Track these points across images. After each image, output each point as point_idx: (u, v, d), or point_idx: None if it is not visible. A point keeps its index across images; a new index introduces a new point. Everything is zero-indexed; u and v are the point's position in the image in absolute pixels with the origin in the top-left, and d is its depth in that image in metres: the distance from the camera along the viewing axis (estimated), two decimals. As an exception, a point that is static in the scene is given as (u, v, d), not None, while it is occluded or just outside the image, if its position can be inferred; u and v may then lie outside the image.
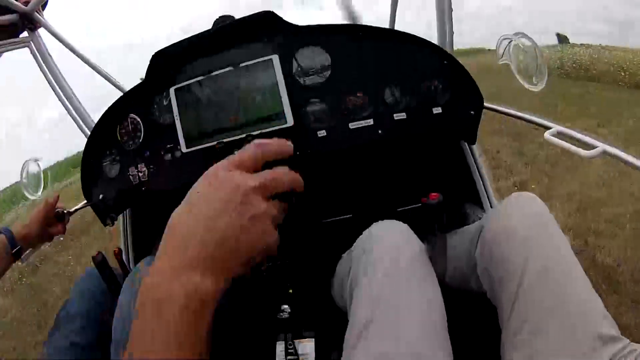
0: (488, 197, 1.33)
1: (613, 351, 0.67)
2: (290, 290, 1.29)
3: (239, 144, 1.13)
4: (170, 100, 1.25)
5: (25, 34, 1.54)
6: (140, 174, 1.34)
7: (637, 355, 0.66)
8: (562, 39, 12.90)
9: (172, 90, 1.24)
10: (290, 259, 1.33)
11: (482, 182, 1.34)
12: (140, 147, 1.32)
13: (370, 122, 1.17)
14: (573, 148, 0.92)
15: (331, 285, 1.25)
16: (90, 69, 1.74)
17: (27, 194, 1.50)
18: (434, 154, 1.48)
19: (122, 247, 1.61)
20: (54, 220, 1.27)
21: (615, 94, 7.55)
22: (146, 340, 0.41)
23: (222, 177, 0.47)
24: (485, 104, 1.20)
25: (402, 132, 1.17)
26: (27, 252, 1.21)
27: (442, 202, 0.79)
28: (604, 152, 0.89)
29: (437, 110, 1.16)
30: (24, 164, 1.49)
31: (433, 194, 0.79)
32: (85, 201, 1.45)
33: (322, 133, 1.19)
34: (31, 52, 1.61)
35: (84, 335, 1.06)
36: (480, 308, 0.89)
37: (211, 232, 0.44)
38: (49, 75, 1.65)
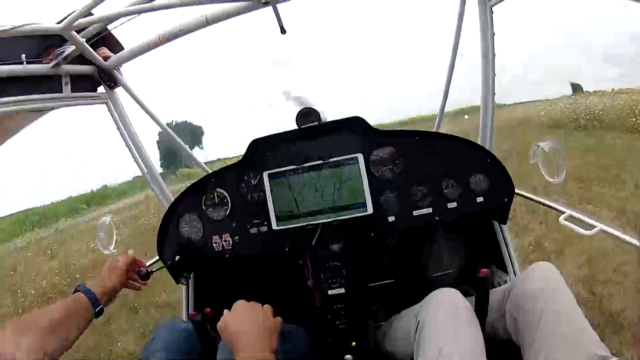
0: (512, 266, 1.58)
1: None
2: (354, 343, 1.48)
3: (326, 226, 1.46)
4: (258, 181, 1.45)
5: (102, 89, 1.55)
6: (224, 243, 1.51)
7: None
8: (575, 87, 13.27)
9: (265, 175, 1.44)
10: (351, 317, 1.50)
11: (509, 253, 1.58)
12: (226, 219, 1.51)
13: (430, 210, 1.43)
14: (578, 230, 1.28)
15: (383, 336, 1.49)
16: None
17: (101, 248, 1.59)
18: (469, 230, 1.72)
19: (184, 303, 1.71)
20: (134, 277, 1.33)
21: (628, 142, 7.78)
22: None
23: None
24: (516, 191, 1.46)
25: (453, 217, 1.43)
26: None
27: (489, 276, 1.11)
28: (601, 231, 1.26)
29: (480, 199, 1.42)
30: (99, 221, 1.60)
31: (484, 269, 1.09)
32: (157, 258, 1.60)
33: (391, 218, 1.44)
34: (108, 110, 1.62)
35: None
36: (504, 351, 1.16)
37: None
38: (125, 134, 1.69)
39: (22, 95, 1.23)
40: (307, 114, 1.44)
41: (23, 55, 1.21)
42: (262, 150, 1.46)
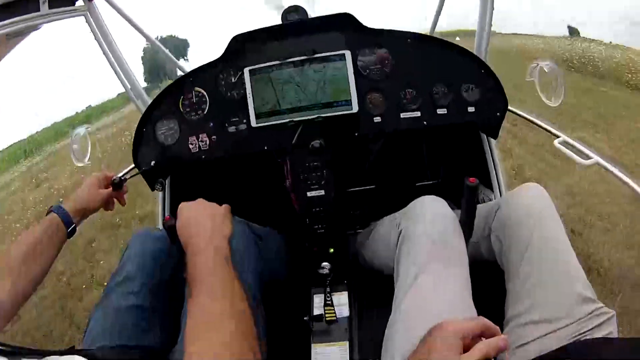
0: (499, 183, 1.57)
1: (591, 309, 0.89)
2: (332, 250, 1.48)
3: (308, 124, 1.40)
4: (238, 78, 1.39)
5: (81, 2, 1.46)
6: (201, 143, 1.45)
7: (606, 319, 0.88)
8: (572, 30, 12.82)
9: (246, 71, 1.38)
10: (330, 222, 1.48)
11: (496, 170, 1.58)
12: (203, 119, 1.45)
13: (418, 114, 1.39)
14: (573, 156, 1.22)
15: (361, 245, 1.49)
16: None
17: (75, 161, 1.50)
18: (456, 142, 1.72)
19: (160, 211, 1.68)
20: (108, 190, 1.23)
21: (625, 96, 7.66)
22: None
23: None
24: (509, 108, 1.43)
25: (442, 123, 1.40)
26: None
27: (478, 185, 1.02)
28: (597, 164, 1.19)
29: (471, 108, 1.38)
30: (73, 131, 1.51)
31: (472, 178, 1.01)
32: (133, 166, 1.53)
33: (377, 119, 1.40)
34: (87, 23, 1.53)
35: (143, 296, 1.05)
36: (486, 272, 1.13)
37: None
38: (105, 47, 1.61)
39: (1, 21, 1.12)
40: (293, 11, 1.36)
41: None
42: (244, 46, 1.39)
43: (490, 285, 1.06)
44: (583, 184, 3.67)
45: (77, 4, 1.44)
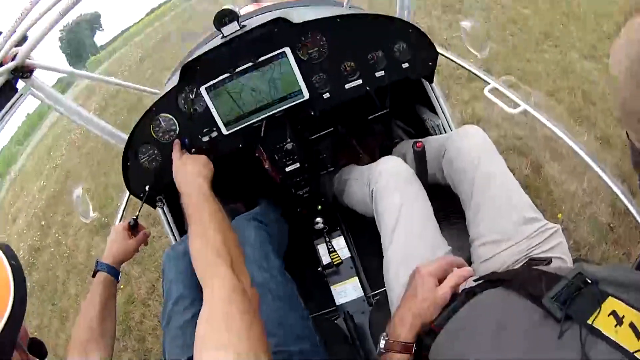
0: (445, 116, 1.76)
1: (536, 227, 1.07)
2: (319, 207, 1.75)
3: (270, 118, 1.60)
4: (196, 95, 1.50)
5: (21, 84, 1.44)
6: None
7: (552, 232, 1.06)
8: None
9: (202, 89, 1.45)
10: (311, 185, 1.72)
11: (440, 105, 1.77)
12: (177, 138, 1.52)
13: (360, 82, 1.55)
14: (502, 105, 1.44)
15: (340, 190, 1.74)
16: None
17: (82, 219, 1.69)
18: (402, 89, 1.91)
19: (166, 226, 1.83)
20: (132, 234, 1.42)
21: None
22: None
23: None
24: (440, 53, 1.59)
25: (382, 84, 1.57)
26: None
27: (424, 149, 1.33)
28: (525, 111, 1.40)
29: (405, 65, 1.54)
30: (74, 196, 1.67)
31: (419, 143, 1.33)
32: (129, 195, 1.68)
33: (326, 95, 1.56)
34: (35, 96, 1.53)
35: (198, 306, 1.24)
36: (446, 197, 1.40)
37: None
38: (61, 109, 1.64)
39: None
40: (224, 15, 1.42)
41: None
42: (194, 70, 1.48)
43: (453, 206, 1.36)
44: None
45: (19, 87, 1.43)
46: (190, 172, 1.24)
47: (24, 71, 1.35)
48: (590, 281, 0.63)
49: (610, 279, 0.62)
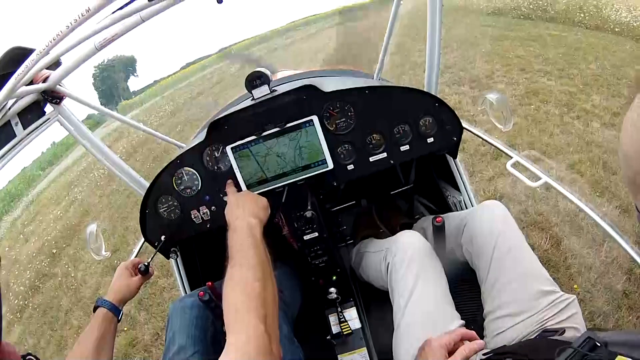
0: (467, 193, 1.77)
1: (551, 299, 1.09)
2: (334, 277, 1.68)
3: (293, 186, 1.59)
4: (221, 153, 1.52)
5: (50, 108, 1.50)
6: (203, 215, 1.58)
7: (568, 303, 1.09)
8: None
9: (228, 149, 1.46)
10: (328, 256, 1.66)
11: (463, 181, 1.77)
12: (199, 193, 1.56)
13: (384, 155, 1.56)
14: (523, 178, 1.43)
15: (358, 265, 1.72)
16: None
17: (94, 257, 1.69)
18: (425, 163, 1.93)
19: (178, 278, 1.81)
20: (140, 277, 1.41)
21: (575, 37, 7.57)
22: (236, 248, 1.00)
23: None
24: (465, 127, 1.60)
25: (407, 159, 1.58)
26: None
27: (444, 224, 1.31)
28: (546, 184, 1.39)
29: (430, 139, 1.55)
30: (87, 232, 1.67)
31: (439, 218, 1.31)
32: (143, 242, 1.69)
33: (350, 167, 1.56)
34: (62, 125, 1.57)
35: (199, 358, 1.26)
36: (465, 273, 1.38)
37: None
38: (86, 144, 1.68)
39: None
40: (255, 78, 1.46)
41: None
42: (222, 128, 1.51)
43: (469, 281, 1.32)
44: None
45: (47, 110, 1.48)
46: (247, 208, 1.21)
47: (53, 96, 1.39)
48: (599, 344, 0.65)
49: (620, 341, 0.64)
